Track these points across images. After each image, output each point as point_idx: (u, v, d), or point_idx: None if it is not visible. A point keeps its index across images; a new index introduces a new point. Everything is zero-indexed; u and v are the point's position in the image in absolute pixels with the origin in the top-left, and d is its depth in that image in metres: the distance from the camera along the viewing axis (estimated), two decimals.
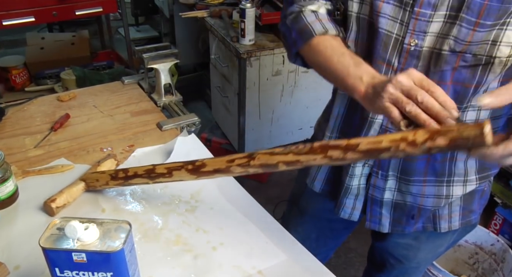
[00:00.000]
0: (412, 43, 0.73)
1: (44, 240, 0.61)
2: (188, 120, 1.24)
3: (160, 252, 0.84)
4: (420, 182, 0.85)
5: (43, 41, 2.79)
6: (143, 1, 3.63)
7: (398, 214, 0.90)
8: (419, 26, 0.71)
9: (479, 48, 0.69)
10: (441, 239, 0.96)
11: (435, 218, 0.90)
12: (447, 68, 0.72)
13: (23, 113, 1.28)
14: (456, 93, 0.74)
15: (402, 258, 1.00)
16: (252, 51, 1.95)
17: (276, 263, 0.82)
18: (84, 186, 0.97)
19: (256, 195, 1.01)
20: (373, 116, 0.82)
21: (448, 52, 0.70)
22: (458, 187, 0.85)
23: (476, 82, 0.72)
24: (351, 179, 0.89)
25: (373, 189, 0.89)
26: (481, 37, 0.68)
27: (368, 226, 0.94)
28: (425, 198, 0.86)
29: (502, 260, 1.66)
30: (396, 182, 0.87)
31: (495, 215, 1.83)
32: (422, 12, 0.70)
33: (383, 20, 0.74)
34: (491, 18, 0.66)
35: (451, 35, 0.69)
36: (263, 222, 0.92)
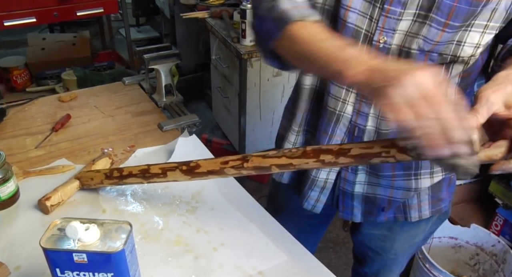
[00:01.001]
0: (381, 40, 0.73)
1: (45, 241, 0.61)
2: (189, 121, 1.24)
3: (161, 253, 0.84)
4: (389, 177, 0.87)
5: (44, 42, 2.80)
6: (144, 1, 3.63)
7: (369, 206, 0.92)
8: (389, 24, 0.72)
9: (445, 48, 0.70)
10: (415, 229, 0.98)
11: (405, 207, 0.92)
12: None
13: (24, 114, 1.29)
14: None
15: (379, 249, 1.02)
16: (252, 52, 1.95)
17: (277, 263, 0.83)
18: (79, 184, 0.97)
19: (257, 196, 1.01)
20: (341, 110, 0.82)
21: (417, 51, 0.71)
22: (426, 179, 0.87)
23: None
24: (318, 172, 0.90)
25: (344, 182, 0.90)
26: (448, 38, 0.69)
27: (341, 216, 0.96)
28: (395, 190, 0.88)
29: (503, 261, 1.66)
30: (366, 175, 0.88)
31: (496, 216, 1.83)
32: (392, 9, 0.71)
33: (353, 15, 0.74)
34: (459, 20, 0.67)
35: (421, 35, 0.70)
36: (263, 222, 0.92)
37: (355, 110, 0.81)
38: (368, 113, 0.81)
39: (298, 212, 1.04)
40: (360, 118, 0.81)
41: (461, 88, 0.78)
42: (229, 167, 0.79)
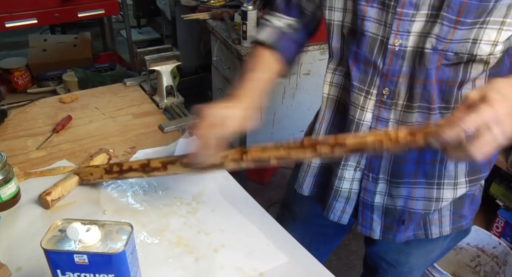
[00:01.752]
0: (396, 43, 0.74)
1: (46, 242, 0.61)
2: (190, 122, 1.24)
3: (162, 254, 0.84)
4: (411, 184, 0.85)
5: (45, 43, 2.80)
6: (145, 3, 3.64)
7: (389, 219, 0.90)
8: (403, 26, 0.73)
9: (461, 47, 0.70)
10: (432, 244, 0.96)
11: (426, 224, 0.90)
12: (431, 67, 0.73)
13: (25, 115, 1.29)
14: (441, 92, 0.76)
15: (394, 262, 1.00)
16: None
17: (278, 265, 0.82)
18: (78, 180, 0.98)
19: (258, 197, 1.01)
20: (360, 118, 0.83)
21: (431, 50, 0.72)
22: (448, 190, 0.85)
23: (460, 80, 0.74)
24: (341, 182, 0.90)
25: (364, 193, 0.89)
26: (462, 35, 0.69)
27: (360, 230, 0.94)
28: (415, 201, 0.86)
29: (504, 263, 1.65)
30: (387, 185, 0.87)
31: (497, 217, 1.83)
32: (404, 12, 0.72)
33: (368, 23, 0.76)
34: (471, 16, 0.68)
35: (433, 34, 0.71)
36: (264, 224, 0.92)
37: (374, 116, 0.81)
38: (388, 119, 0.80)
39: (313, 221, 1.03)
40: (380, 124, 0.81)
41: None
42: (229, 160, 0.81)
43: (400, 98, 0.78)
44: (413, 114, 0.78)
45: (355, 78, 0.81)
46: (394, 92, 0.78)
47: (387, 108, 0.80)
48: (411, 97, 0.77)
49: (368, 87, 0.80)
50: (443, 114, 0.78)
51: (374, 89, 0.79)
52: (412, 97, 0.77)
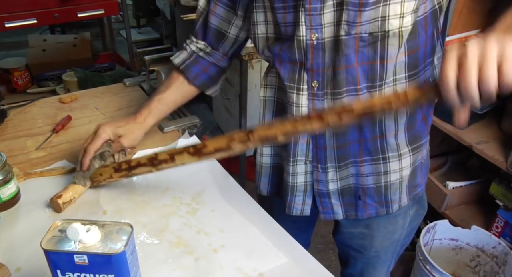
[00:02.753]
0: (313, 38, 0.79)
1: (46, 242, 0.61)
2: (190, 122, 1.24)
3: (161, 254, 0.84)
4: (357, 163, 0.89)
5: (45, 43, 2.81)
6: (144, 3, 3.64)
7: (346, 198, 0.94)
8: (315, 20, 0.77)
9: (372, 26, 0.75)
10: (393, 224, 0.99)
11: (388, 203, 0.94)
12: (349, 51, 0.77)
13: (25, 115, 1.29)
14: (365, 73, 0.80)
15: (360, 248, 1.03)
16: (253, 53, 1.95)
17: (277, 265, 0.83)
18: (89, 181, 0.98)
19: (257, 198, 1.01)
20: (298, 114, 0.86)
21: (345, 37, 0.76)
22: (394, 162, 0.89)
23: (379, 58, 0.78)
24: (295, 177, 0.93)
25: (317, 184, 0.93)
26: (370, 16, 0.74)
27: (323, 217, 0.97)
28: (366, 177, 0.90)
29: (503, 263, 1.66)
30: (336, 172, 0.90)
31: (497, 217, 1.83)
32: (312, 7, 0.76)
33: (289, 28, 0.81)
34: None
35: (343, 20, 0.75)
36: (264, 224, 0.92)
37: (310, 109, 0.85)
38: (323, 109, 0.84)
39: (283, 217, 1.05)
40: None
41: (412, 65, 0.80)
42: (235, 142, 0.81)
43: (328, 87, 0.82)
44: (342, 99, 0.82)
45: (284, 78, 0.86)
46: (322, 83, 0.82)
47: (319, 99, 0.84)
48: (337, 83, 0.81)
49: (298, 84, 0.84)
50: (371, 93, 0.81)
51: (303, 84, 0.84)
52: (338, 83, 0.81)
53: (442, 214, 1.94)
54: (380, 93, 0.81)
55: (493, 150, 1.68)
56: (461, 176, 1.97)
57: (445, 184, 1.94)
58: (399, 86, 0.81)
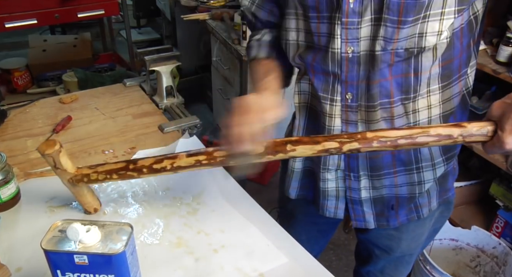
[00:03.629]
0: (349, 51, 0.78)
1: (46, 242, 0.61)
2: (190, 123, 1.24)
3: (162, 255, 0.84)
4: (391, 174, 0.88)
5: (45, 44, 2.80)
6: (145, 3, 3.64)
7: (378, 207, 0.93)
8: (351, 34, 0.76)
9: (409, 42, 0.74)
10: (421, 227, 0.98)
11: (417, 208, 0.93)
12: (384, 65, 0.77)
13: (25, 115, 1.29)
14: (399, 85, 0.79)
15: (387, 248, 1.03)
16: None
17: (278, 265, 0.82)
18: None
19: (258, 198, 1.01)
20: (331, 125, 0.85)
21: (381, 52, 0.75)
22: (428, 172, 0.88)
23: (413, 71, 0.78)
24: (325, 183, 0.92)
25: (350, 191, 0.92)
26: (407, 33, 0.73)
27: (355, 225, 0.96)
28: (399, 188, 0.90)
29: (504, 263, 1.65)
30: (369, 180, 0.90)
31: (497, 218, 1.83)
32: (350, 21, 0.75)
33: (323, 38, 0.80)
34: (411, 15, 0.71)
35: (380, 36, 0.74)
36: (264, 224, 0.92)
37: (343, 120, 0.85)
38: (356, 121, 0.84)
39: (307, 219, 1.06)
40: (350, 127, 0.85)
41: (446, 76, 0.80)
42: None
43: (362, 99, 0.82)
44: (376, 112, 0.81)
45: (318, 89, 0.85)
46: (356, 95, 0.81)
47: (353, 111, 0.83)
48: (371, 96, 0.80)
49: (332, 95, 0.83)
50: (405, 105, 0.81)
51: (337, 96, 0.83)
52: (372, 96, 0.80)
53: None
54: (414, 105, 0.81)
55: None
56: (461, 177, 1.97)
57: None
58: (433, 97, 0.81)
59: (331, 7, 0.76)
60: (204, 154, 0.82)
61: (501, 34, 1.69)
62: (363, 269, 1.13)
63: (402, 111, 0.81)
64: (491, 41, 1.78)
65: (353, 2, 0.73)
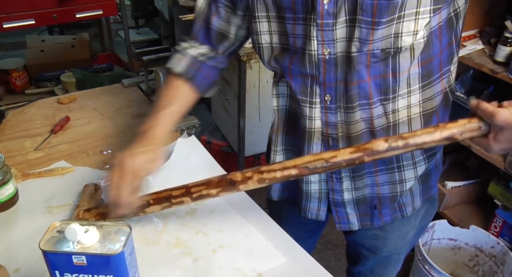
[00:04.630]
0: (325, 53, 0.77)
1: (44, 243, 0.61)
2: (188, 123, 1.24)
3: (160, 255, 0.84)
4: (372, 173, 0.88)
5: (43, 44, 2.80)
6: (143, 3, 3.64)
7: (361, 208, 0.93)
8: (327, 36, 0.76)
9: (385, 43, 0.74)
10: (406, 226, 0.99)
11: (401, 207, 0.93)
12: (361, 67, 0.76)
13: (23, 116, 1.29)
14: (377, 86, 0.79)
15: (373, 248, 1.03)
16: (252, 54, 1.95)
17: (276, 265, 0.83)
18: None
19: (256, 198, 1.01)
20: (311, 127, 0.85)
21: (357, 53, 0.75)
22: (409, 170, 0.88)
23: (391, 71, 0.77)
24: (308, 185, 0.93)
25: (333, 193, 0.92)
26: (382, 34, 0.73)
27: (339, 228, 0.97)
28: (381, 187, 0.90)
29: (502, 263, 1.66)
30: (351, 181, 0.90)
31: (495, 217, 1.83)
32: (325, 23, 0.75)
33: (299, 40, 0.79)
34: (385, 15, 0.71)
35: (355, 37, 0.74)
36: (263, 224, 0.92)
37: (323, 122, 0.84)
38: (336, 122, 0.84)
39: (293, 220, 1.06)
40: (330, 129, 0.85)
41: (426, 75, 0.80)
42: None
43: (341, 100, 0.81)
44: (355, 113, 0.81)
45: (296, 92, 0.84)
46: (335, 96, 0.81)
47: (333, 112, 0.83)
48: (350, 97, 0.80)
49: (311, 97, 0.83)
50: (384, 105, 0.81)
51: (316, 98, 0.83)
52: (351, 97, 0.80)
53: (440, 214, 1.95)
54: (393, 105, 0.81)
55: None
56: (459, 176, 1.98)
57: (443, 184, 1.94)
58: (413, 96, 0.81)
59: (306, 8, 0.76)
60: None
61: (499, 34, 1.70)
62: (354, 269, 1.14)
63: (382, 111, 0.81)
64: (489, 41, 1.79)
65: (327, 3, 0.73)
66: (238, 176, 0.80)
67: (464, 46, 1.75)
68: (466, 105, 1.75)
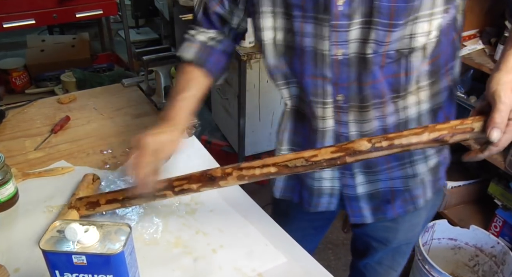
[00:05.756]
0: (339, 53, 0.77)
1: (44, 243, 0.61)
2: (188, 123, 1.24)
3: (160, 255, 0.84)
4: (385, 170, 0.89)
5: (43, 44, 2.80)
6: (143, 3, 3.64)
7: (375, 202, 0.94)
8: (341, 37, 0.75)
9: (400, 44, 0.74)
10: (417, 217, 1.00)
11: (413, 199, 0.94)
12: (375, 67, 0.77)
13: (23, 116, 1.29)
14: (390, 85, 0.79)
15: (383, 240, 1.03)
16: (252, 54, 1.95)
17: (276, 265, 0.83)
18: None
19: (256, 197, 1.01)
20: (324, 126, 0.85)
21: (373, 55, 0.75)
22: (421, 164, 0.89)
23: (405, 71, 0.78)
24: (320, 182, 0.93)
25: (346, 188, 0.92)
26: (398, 36, 0.73)
27: (353, 221, 0.97)
28: (394, 181, 0.91)
29: (502, 262, 1.66)
30: (364, 176, 0.90)
31: (495, 217, 1.83)
32: (339, 24, 0.74)
33: (307, 39, 0.78)
34: (401, 18, 0.71)
35: (371, 39, 0.74)
36: (263, 224, 0.92)
37: (336, 121, 0.84)
38: (348, 121, 0.84)
39: (300, 217, 1.06)
40: (342, 127, 0.84)
41: (434, 72, 0.80)
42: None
43: (354, 100, 0.81)
44: (369, 112, 0.82)
45: (308, 94, 0.84)
46: (347, 96, 0.81)
47: (345, 111, 0.83)
48: (364, 98, 0.80)
49: (323, 98, 0.82)
50: (396, 102, 0.81)
51: (328, 98, 0.82)
52: (364, 97, 0.80)
53: (441, 214, 1.94)
54: (404, 102, 0.81)
55: None
56: (459, 176, 1.98)
57: (444, 183, 1.94)
58: (422, 92, 0.81)
59: (317, 7, 0.75)
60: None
61: (499, 34, 1.70)
62: (360, 262, 1.14)
63: (393, 108, 0.82)
64: (489, 41, 1.78)
65: (342, 5, 0.72)
66: (218, 172, 0.81)
67: (464, 46, 1.75)
68: (466, 105, 1.75)
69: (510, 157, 1.62)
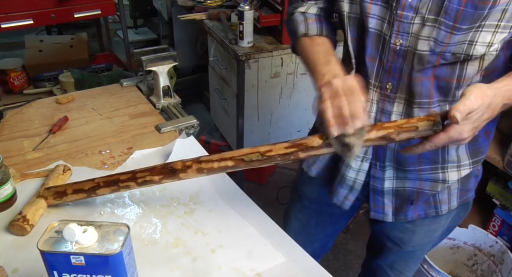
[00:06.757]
0: (397, 43, 0.78)
1: (42, 243, 0.61)
2: (187, 123, 1.24)
3: (159, 255, 0.84)
4: (416, 171, 0.89)
5: (41, 44, 2.79)
6: (141, 3, 3.63)
7: (398, 201, 0.94)
8: (403, 28, 0.77)
9: (457, 48, 0.74)
10: (436, 223, 0.99)
11: (436, 203, 0.94)
12: (428, 66, 0.77)
13: (22, 116, 1.28)
14: (439, 88, 0.80)
15: (399, 241, 1.03)
16: (250, 53, 1.95)
17: (275, 265, 0.83)
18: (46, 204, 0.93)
19: (255, 197, 1.01)
20: (368, 109, 0.85)
21: (429, 52, 0.76)
22: (453, 172, 0.89)
23: (457, 77, 0.78)
24: (347, 169, 0.93)
25: (374, 180, 0.93)
26: (459, 39, 0.73)
27: (373, 216, 0.97)
28: (423, 182, 0.91)
29: (500, 262, 1.66)
30: (394, 171, 0.91)
31: (494, 216, 1.83)
32: (404, 14, 0.76)
33: (373, 20, 0.80)
34: (467, 23, 0.71)
35: (431, 37, 0.74)
36: (261, 224, 0.92)
37: (379, 108, 0.85)
38: (391, 111, 0.84)
39: (320, 199, 1.07)
40: (384, 117, 0.85)
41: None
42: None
43: (402, 92, 0.82)
44: (413, 109, 0.82)
45: (369, 75, 0.84)
46: (396, 86, 0.82)
47: (390, 101, 0.84)
48: (411, 93, 0.81)
49: (374, 80, 0.84)
50: (441, 106, 0.82)
51: (378, 82, 0.84)
52: (412, 93, 0.81)
53: None
54: (449, 107, 0.81)
55: (490, 149, 1.69)
56: None
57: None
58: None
59: None
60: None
61: None
62: (373, 262, 1.14)
63: (438, 111, 0.80)
64: None
65: None
66: (178, 165, 0.83)
67: None
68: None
69: (509, 156, 1.62)
